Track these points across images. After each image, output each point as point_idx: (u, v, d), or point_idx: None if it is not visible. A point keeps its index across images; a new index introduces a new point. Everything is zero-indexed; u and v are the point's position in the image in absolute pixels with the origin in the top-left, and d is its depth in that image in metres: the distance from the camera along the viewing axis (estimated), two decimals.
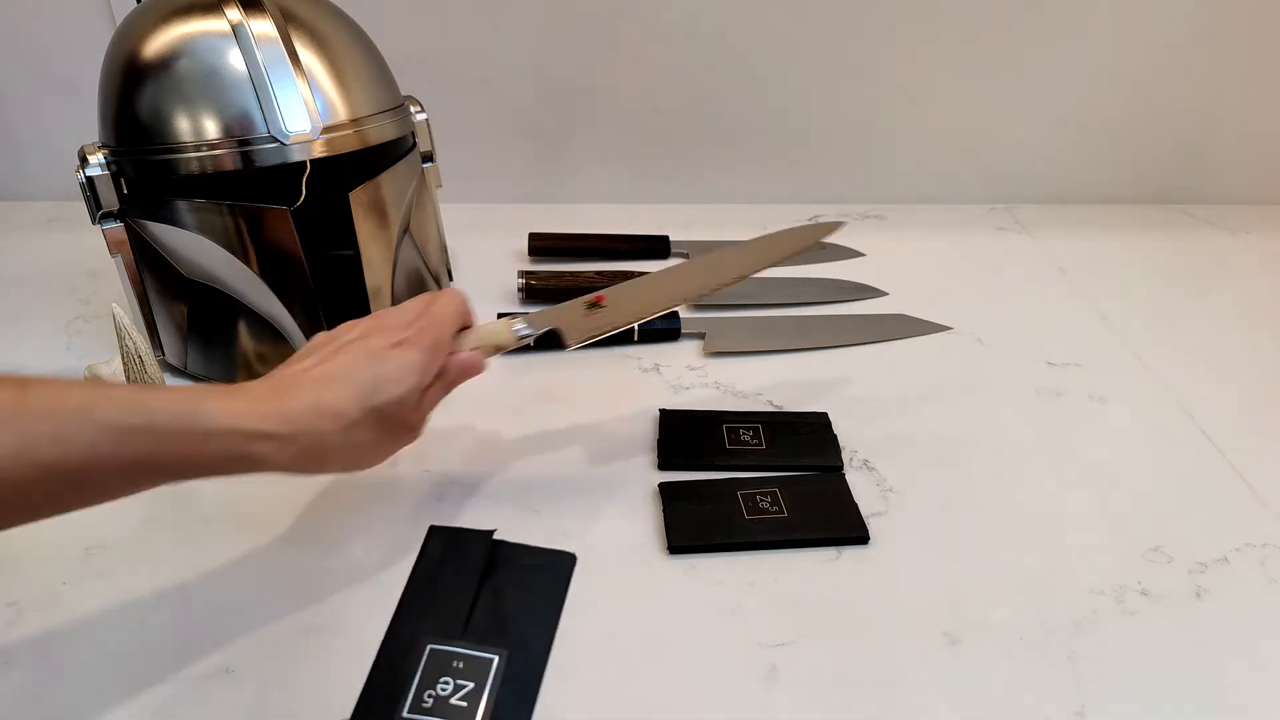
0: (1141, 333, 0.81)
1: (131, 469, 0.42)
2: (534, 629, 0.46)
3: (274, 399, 0.45)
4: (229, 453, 0.43)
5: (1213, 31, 0.95)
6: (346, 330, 0.52)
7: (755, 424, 0.66)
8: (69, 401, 0.40)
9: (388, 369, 0.49)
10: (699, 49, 0.94)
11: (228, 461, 0.44)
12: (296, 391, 0.46)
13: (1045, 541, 0.57)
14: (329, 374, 0.48)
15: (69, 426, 0.39)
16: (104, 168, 0.63)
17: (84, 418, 0.40)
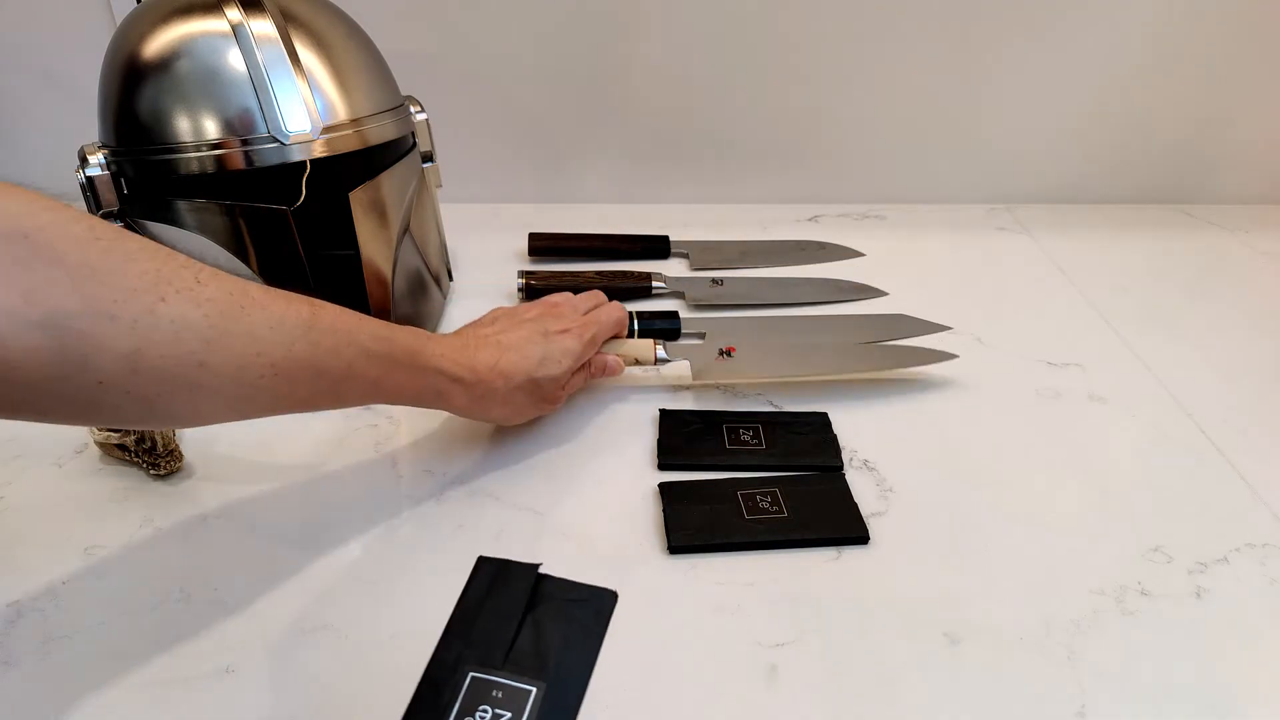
0: (1141, 333, 0.81)
1: (369, 386, 0.51)
2: (573, 663, 0.47)
3: (466, 352, 0.57)
4: (432, 388, 0.55)
5: (1213, 32, 0.95)
6: (526, 309, 0.64)
7: (755, 424, 0.66)
8: (342, 324, 0.49)
9: (553, 350, 0.60)
10: (699, 49, 0.95)
11: (427, 393, 0.55)
12: (483, 350, 0.57)
13: (1045, 541, 0.57)
14: (508, 343, 0.59)
15: (342, 344, 0.49)
16: (104, 168, 0.63)
17: (351, 339, 0.49)
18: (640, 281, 0.84)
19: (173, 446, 0.61)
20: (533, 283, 0.82)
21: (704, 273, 0.90)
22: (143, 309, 0.40)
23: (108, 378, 0.40)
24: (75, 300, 0.38)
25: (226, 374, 0.44)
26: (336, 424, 0.67)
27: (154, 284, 0.41)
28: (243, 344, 0.44)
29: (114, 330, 0.39)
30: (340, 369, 0.49)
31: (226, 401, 0.45)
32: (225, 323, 0.43)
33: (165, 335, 0.41)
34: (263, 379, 0.45)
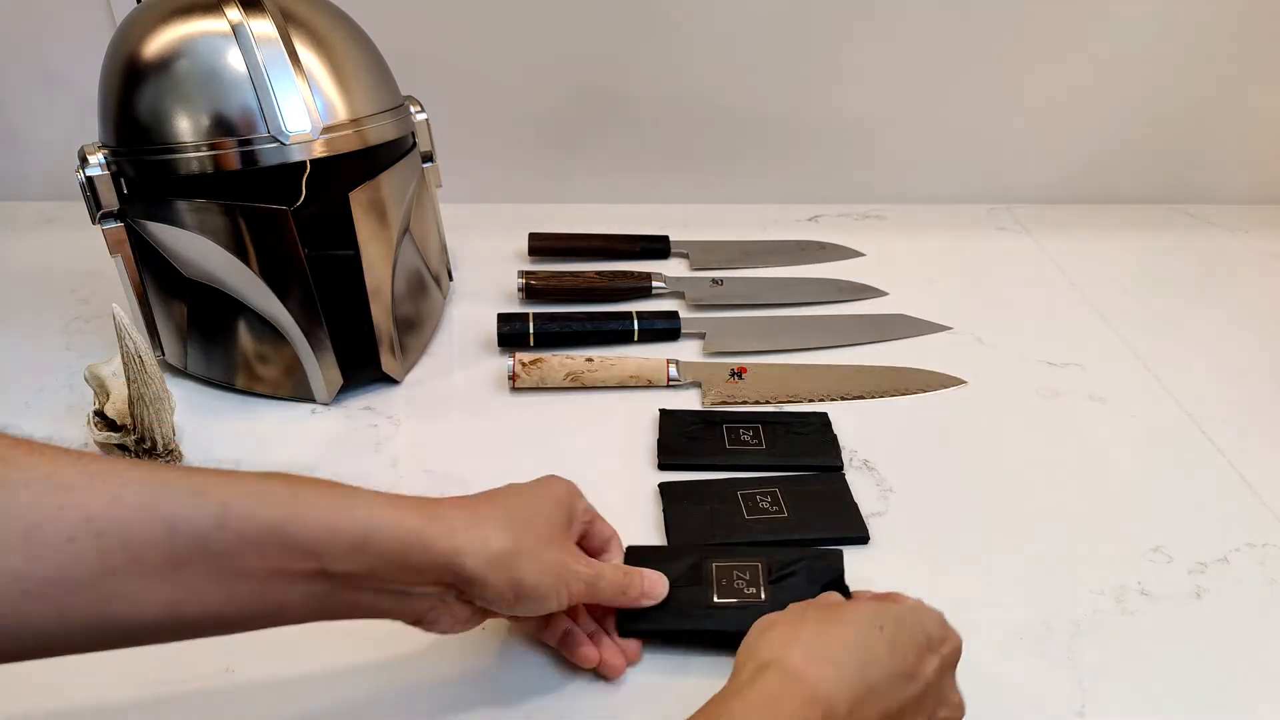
0: (1141, 333, 0.81)
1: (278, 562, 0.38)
2: None
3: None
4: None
5: (1213, 32, 0.95)
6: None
7: (755, 424, 0.66)
8: (200, 478, 0.37)
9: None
10: (699, 49, 0.94)
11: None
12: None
13: (1045, 541, 0.57)
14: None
15: (209, 485, 0.36)
16: (104, 168, 0.63)
17: (217, 487, 0.37)
18: (640, 281, 0.84)
19: (173, 447, 0.61)
20: (533, 283, 0.82)
21: (704, 273, 0.90)
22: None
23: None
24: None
25: (8, 538, 0.31)
26: (337, 423, 0.67)
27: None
28: (33, 493, 0.32)
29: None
30: (210, 516, 0.35)
31: (20, 584, 0.31)
32: (3, 469, 0.32)
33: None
34: (74, 543, 0.32)
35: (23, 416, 0.67)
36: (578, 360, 0.71)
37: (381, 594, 0.40)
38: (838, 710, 0.35)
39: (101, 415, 0.61)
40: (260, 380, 0.69)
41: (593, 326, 0.76)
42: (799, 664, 0.36)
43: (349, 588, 0.38)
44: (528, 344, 0.75)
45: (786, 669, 0.36)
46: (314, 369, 0.67)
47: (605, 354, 0.73)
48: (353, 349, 0.68)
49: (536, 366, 0.70)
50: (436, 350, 0.76)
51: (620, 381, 0.71)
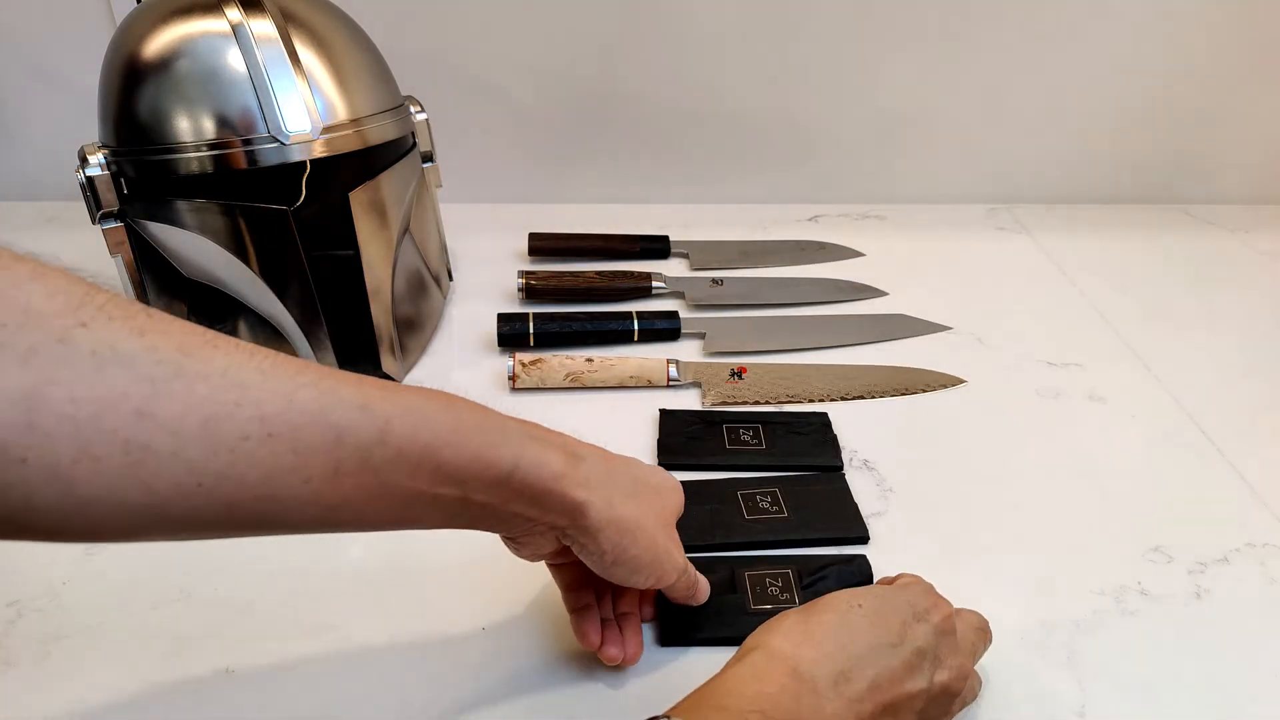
0: (1141, 333, 0.81)
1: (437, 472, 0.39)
2: None
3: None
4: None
5: (1213, 31, 0.95)
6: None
7: (755, 424, 0.66)
8: (370, 383, 0.37)
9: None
10: (699, 49, 0.94)
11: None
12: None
13: (1045, 541, 0.57)
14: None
15: (374, 399, 0.37)
16: (104, 168, 0.63)
17: (397, 396, 0.38)
18: (640, 281, 0.84)
19: None
20: (533, 283, 0.82)
21: (704, 273, 0.90)
22: (47, 334, 0.29)
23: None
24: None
25: (188, 431, 0.31)
26: None
27: (69, 307, 0.30)
28: (210, 387, 0.32)
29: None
30: (375, 430, 0.35)
31: (195, 477, 0.31)
32: (181, 358, 0.31)
33: (80, 371, 0.29)
34: (248, 441, 0.32)
35: None
36: (578, 360, 0.71)
37: (506, 519, 0.41)
38: (820, 684, 0.37)
39: None
40: None
41: (593, 326, 0.76)
42: (780, 645, 0.39)
43: (483, 513, 0.40)
44: (528, 344, 0.75)
45: (770, 649, 0.39)
46: None
47: (605, 354, 0.73)
48: (353, 349, 0.68)
49: (536, 367, 0.70)
50: (436, 350, 0.76)
51: (620, 382, 0.71)
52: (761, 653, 0.39)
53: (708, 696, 0.37)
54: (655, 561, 0.44)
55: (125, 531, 0.32)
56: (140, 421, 0.30)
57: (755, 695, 0.36)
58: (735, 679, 0.38)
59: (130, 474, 0.30)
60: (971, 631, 0.46)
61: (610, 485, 0.42)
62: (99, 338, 0.30)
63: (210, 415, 0.31)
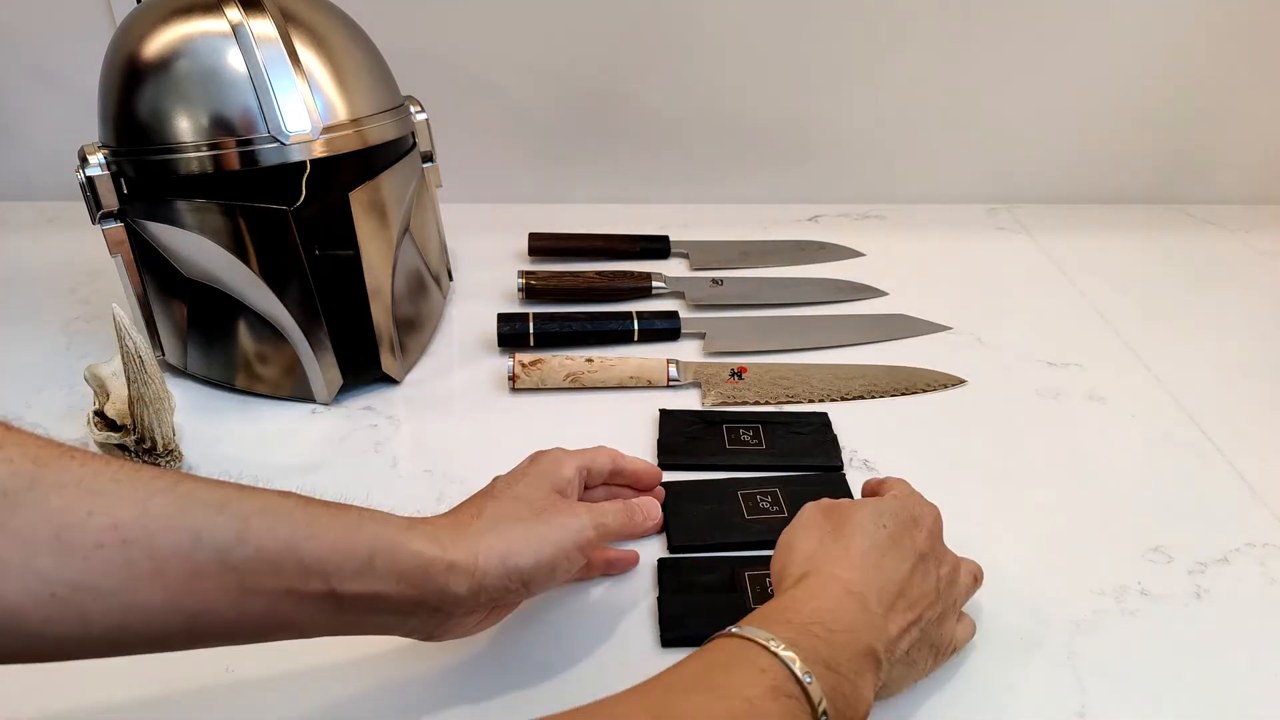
0: (1141, 333, 0.81)
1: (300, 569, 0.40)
2: None
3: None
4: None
5: (1213, 31, 0.95)
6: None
7: (755, 424, 0.66)
8: (224, 491, 0.38)
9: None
10: (700, 49, 0.94)
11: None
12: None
13: (1045, 541, 0.57)
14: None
15: (229, 499, 0.38)
16: (104, 168, 0.63)
17: (243, 502, 0.38)
18: (640, 281, 0.84)
19: (173, 446, 0.61)
20: (533, 283, 0.82)
21: (704, 273, 0.90)
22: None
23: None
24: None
25: (39, 540, 0.32)
26: (337, 423, 0.67)
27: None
28: (65, 497, 0.33)
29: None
30: (233, 530, 0.36)
31: (48, 587, 0.32)
32: (35, 470, 0.33)
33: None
34: (102, 549, 0.33)
35: (23, 416, 0.67)
36: (578, 361, 0.71)
37: (388, 614, 0.41)
38: (870, 600, 0.41)
39: (101, 415, 0.61)
40: (260, 380, 0.69)
41: (593, 326, 0.76)
42: (832, 569, 0.43)
43: (357, 609, 0.39)
44: (528, 344, 0.75)
45: (823, 574, 0.43)
46: (314, 369, 0.67)
47: (605, 354, 0.73)
48: (353, 349, 0.68)
49: (536, 367, 0.70)
50: (436, 350, 0.76)
51: (620, 382, 0.71)
52: (816, 577, 0.42)
53: (771, 613, 0.41)
54: (558, 548, 0.44)
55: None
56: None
57: (816, 610, 0.40)
58: (794, 599, 0.41)
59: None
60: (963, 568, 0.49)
61: (463, 537, 0.42)
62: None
63: (64, 525, 0.32)
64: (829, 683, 0.37)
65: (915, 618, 0.43)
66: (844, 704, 0.37)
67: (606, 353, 0.74)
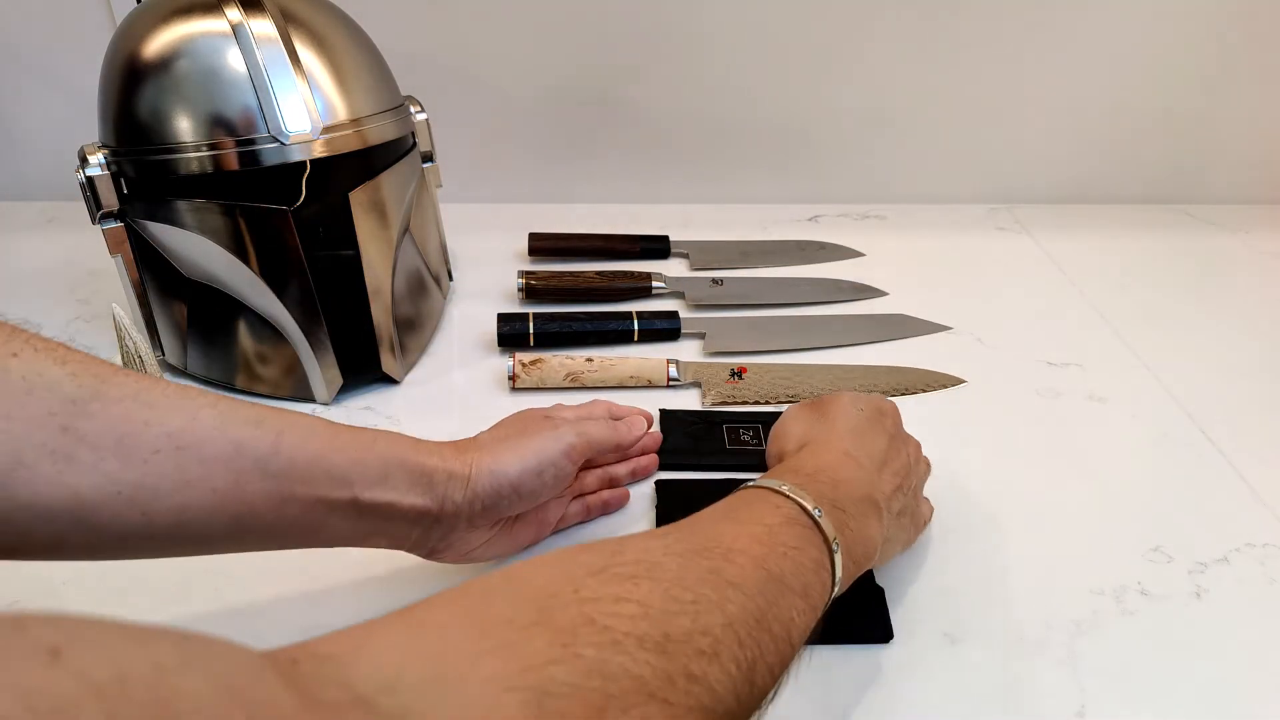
0: (1141, 333, 0.81)
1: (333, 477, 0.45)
2: None
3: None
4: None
5: (1213, 31, 0.95)
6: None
7: (756, 424, 0.66)
8: (267, 408, 0.43)
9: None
10: (699, 49, 0.94)
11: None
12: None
13: (1045, 541, 0.57)
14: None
15: (268, 416, 0.42)
16: (104, 168, 0.63)
17: (286, 417, 0.43)
18: (640, 281, 0.84)
19: None
20: (533, 283, 0.82)
21: (704, 273, 0.90)
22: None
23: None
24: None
25: (105, 445, 0.36)
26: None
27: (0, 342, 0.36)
28: (125, 408, 0.37)
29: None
30: (269, 442, 0.40)
31: (115, 485, 0.36)
32: (98, 384, 0.37)
33: (13, 393, 0.35)
34: (158, 455, 0.37)
35: None
36: (578, 360, 0.71)
37: (401, 521, 0.45)
38: (864, 460, 0.48)
39: None
40: (260, 380, 0.69)
41: (593, 326, 0.76)
42: (826, 437, 0.49)
43: (376, 515, 0.44)
44: (528, 344, 0.75)
45: (818, 441, 0.49)
46: (314, 369, 0.67)
47: (605, 354, 0.73)
48: (353, 349, 0.68)
49: (536, 367, 0.70)
50: (436, 350, 0.76)
51: (620, 382, 0.71)
52: (813, 445, 0.48)
53: (779, 471, 0.46)
54: (541, 453, 0.49)
55: (52, 541, 0.36)
56: (64, 436, 0.35)
57: (818, 466, 0.45)
58: (798, 460, 0.47)
59: (57, 480, 0.35)
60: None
61: (463, 452, 0.48)
62: (28, 366, 0.36)
63: (125, 432, 0.36)
64: (837, 519, 0.41)
65: (900, 481, 0.49)
66: (852, 539, 0.42)
67: (606, 353, 0.74)
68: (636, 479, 0.62)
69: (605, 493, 0.59)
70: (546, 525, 0.55)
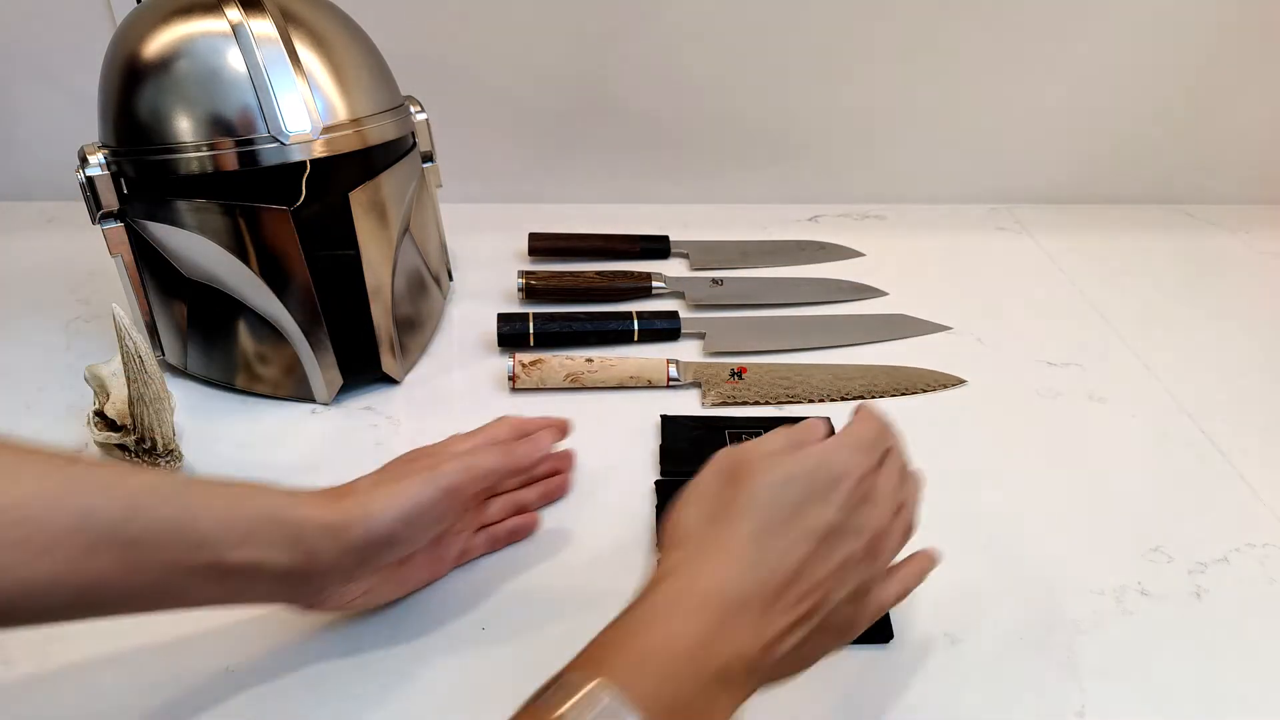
0: (1141, 333, 0.81)
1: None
2: None
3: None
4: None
5: (1213, 31, 0.95)
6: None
7: (758, 430, 0.66)
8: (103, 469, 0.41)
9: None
10: (699, 49, 0.94)
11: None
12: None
13: (1045, 541, 0.57)
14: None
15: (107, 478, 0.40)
16: (104, 168, 0.63)
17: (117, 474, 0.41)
18: (640, 281, 0.84)
19: (173, 446, 0.61)
20: (533, 283, 0.82)
21: (704, 273, 0.90)
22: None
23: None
24: None
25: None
26: (337, 423, 0.67)
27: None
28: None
29: None
30: (120, 507, 0.38)
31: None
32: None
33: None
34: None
35: (23, 416, 0.67)
36: (578, 361, 0.71)
37: (269, 582, 0.42)
38: (743, 605, 0.37)
39: (101, 415, 0.61)
40: (260, 380, 0.69)
41: (593, 326, 0.76)
42: (700, 568, 0.38)
43: (240, 577, 0.41)
44: (528, 344, 0.75)
45: (685, 576, 0.38)
46: (314, 369, 0.67)
47: (605, 354, 0.73)
48: (353, 349, 0.68)
49: (536, 367, 0.70)
50: (436, 350, 0.76)
51: (620, 382, 0.71)
52: (675, 580, 0.38)
53: (611, 643, 0.37)
54: (413, 503, 0.45)
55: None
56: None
57: (665, 636, 0.36)
58: (641, 620, 0.37)
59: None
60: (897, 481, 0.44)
61: (343, 494, 0.45)
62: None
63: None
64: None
65: (806, 611, 0.38)
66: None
67: (606, 353, 0.74)
68: (550, 501, 0.59)
69: (512, 520, 0.56)
70: (444, 562, 0.52)
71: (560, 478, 0.60)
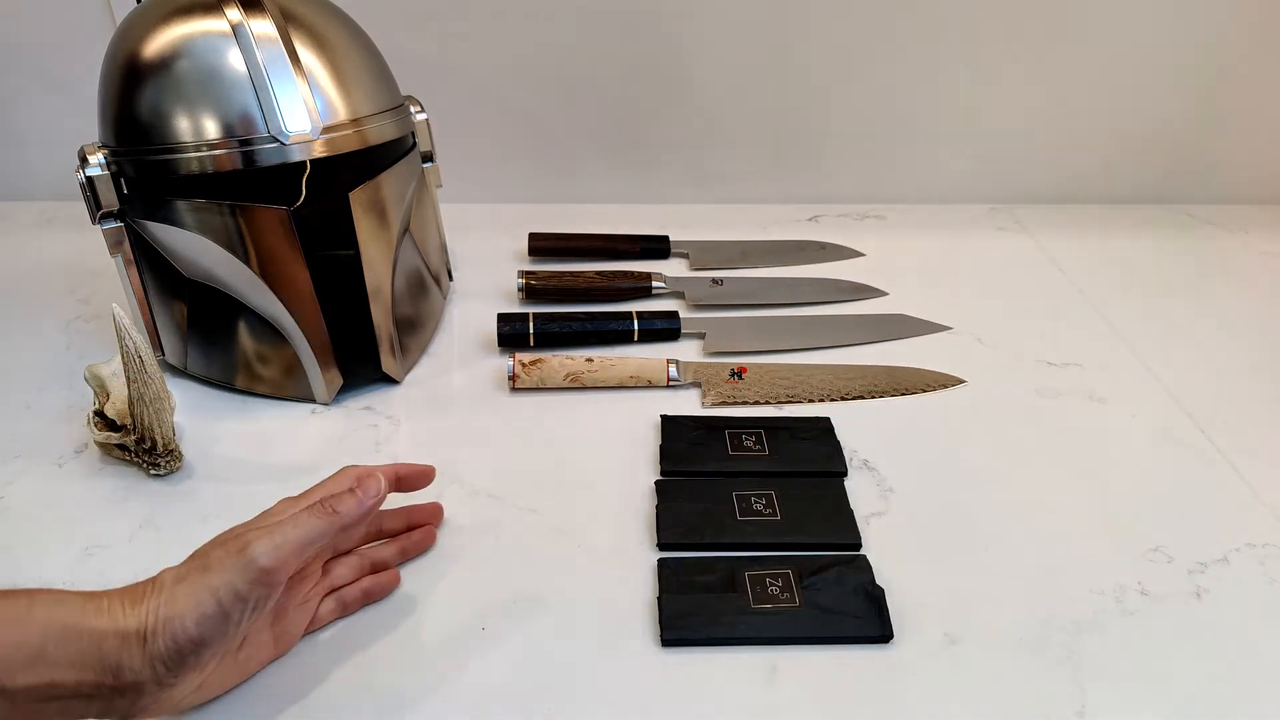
0: (1141, 333, 0.81)
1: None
2: None
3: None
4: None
5: (1213, 31, 0.95)
6: None
7: (758, 430, 0.66)
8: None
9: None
10: (699, 49, 0.94)
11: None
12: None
13: (1045, 541, 0.57)
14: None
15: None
16: (104, 168, 0.63)
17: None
18: (640, 281, 0.84)
19: (172, 446, 0.61)
20: (533, 283, 0.82)
21: (704, 273, 0.90)
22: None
23: None
24: None
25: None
26: (337, 423, 0.67)
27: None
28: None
29: None
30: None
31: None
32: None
33: None
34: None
35: (22, 416, 0.67)
36: (578, 361, 0.71)
37: (69, 700, 0.38)
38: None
39: (101, 415, 0.61)
40: (260, 380, 0.69)
41: (593, 326, 0.76)
42: None
43: (32, 699, 0.37)
44: (528, 344, 0.75)
45: None
46: (314, 369, 0.67)
47: (605, 354, 0.73)
48: (353, 349, 0.68)
49: (536, 367, 0.70)
50: (436, 350, 0.76)
51: (620, 382, 0.71)
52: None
53: None
54: (217, 602, 0.40)
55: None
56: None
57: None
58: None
59: None
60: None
61: (143, 594, 0.41)
62: None
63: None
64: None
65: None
66: None
67: (606, 353, 0.74)
68: (409, 557, 0.54)
69: (365, 581, 0.51)
70: (290, 636, 0.47)
71: (421, 532, 0.55)
